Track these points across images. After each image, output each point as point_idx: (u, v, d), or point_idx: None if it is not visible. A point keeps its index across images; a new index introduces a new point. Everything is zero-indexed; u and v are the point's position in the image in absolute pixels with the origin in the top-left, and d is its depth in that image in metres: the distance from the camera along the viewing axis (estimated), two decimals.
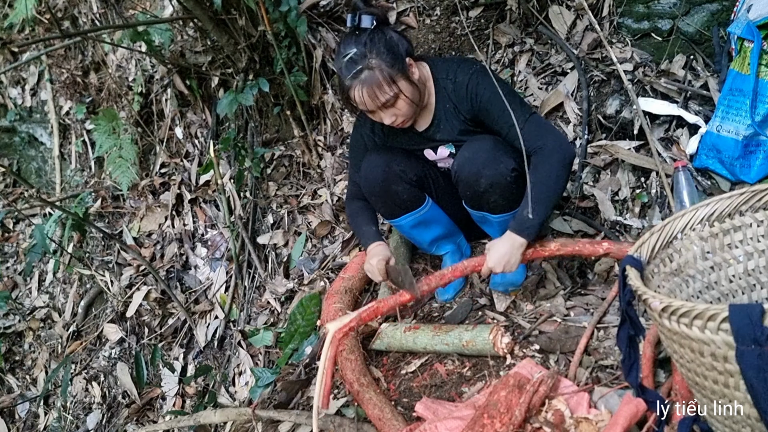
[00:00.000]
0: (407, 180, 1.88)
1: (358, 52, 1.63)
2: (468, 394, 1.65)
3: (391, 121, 1.71)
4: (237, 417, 1.97)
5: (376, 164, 1.86)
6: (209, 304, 2.91)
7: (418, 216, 1.95)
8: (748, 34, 1.80)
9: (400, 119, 1.72)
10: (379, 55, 1.63)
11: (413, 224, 1.97)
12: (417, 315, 2.06)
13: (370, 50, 1.63)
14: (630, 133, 2.14)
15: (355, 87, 1.64)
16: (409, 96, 1.69)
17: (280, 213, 2.87)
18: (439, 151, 1.90)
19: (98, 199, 3.46)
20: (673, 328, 0.99)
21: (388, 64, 1.63)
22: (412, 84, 1.70)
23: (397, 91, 1.66)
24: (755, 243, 1.28)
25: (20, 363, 3.65)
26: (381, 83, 1.63)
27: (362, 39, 1.65)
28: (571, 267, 1.97)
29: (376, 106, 1.67)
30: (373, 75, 1.62)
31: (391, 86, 1.64)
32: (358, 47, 1.64)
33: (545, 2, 2.45)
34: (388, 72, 1.63)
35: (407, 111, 1.71)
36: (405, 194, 1.89)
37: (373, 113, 1.72)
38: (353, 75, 1.63)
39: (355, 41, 1.65)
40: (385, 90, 1.64)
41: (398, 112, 1.70)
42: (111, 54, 3.45)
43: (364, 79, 1.63)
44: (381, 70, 1.62)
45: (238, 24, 2.57)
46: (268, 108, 2.91)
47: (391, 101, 1.67)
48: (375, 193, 1.90)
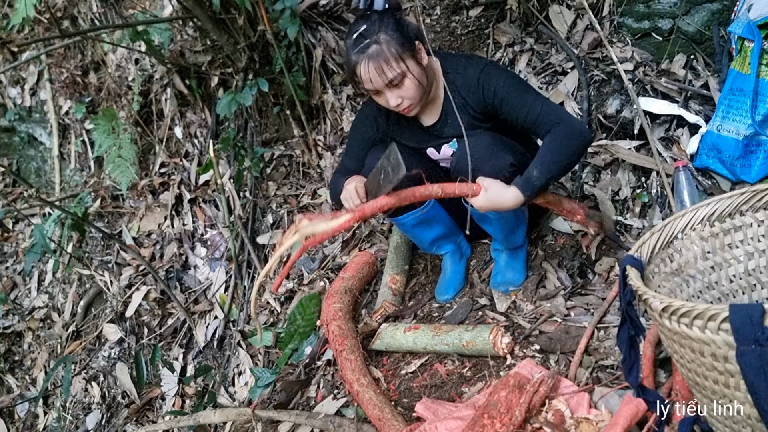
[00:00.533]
0: (412, 177, 1.87)
1: (367, 28, 1.63)
2: (468, 394, 1.65)
3: (396, 103, 1.69)
4: (237, 417, 1.97)
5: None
6: (209, 304, 2.91)
7: (421, 214, 1.94)
8: (749, 33, 1.80)
9: (407, 102, 1.70)
10: (388, 32, 1.62)
11: (415, 223, 1.96)
12: (417, 315, 2.06)
13: (379, 27, 1.63)
14: (630, 133, 2.14)
15: (361, 62, 1.63)
16: (417, 76, 1.67)
17: (279, 213, 2.86)
18: (442, 150, 1.90)
19: (97, 199, 3.45)
20: (673, 328, 0.99)
21: (397, 41, 1.63)
22: (419, 65, 1.69)
23: (405, 69, 1.64)
24: (756, 243, 1.28)
25: (19, 363, 3.65)
26: (389, 58, 1.61)
27: (372, 18, 1.65)
28: (572, 267, 1.97)
29: (382, 83, 1.65)
30: (380, 49, 1.61)
31: (398, 62, 1.63)
32: (368, 25, 1.64)
33: (545, 2, 2.45)
34: (396, 48, 1.62)
35: (414, 93, 1.69)
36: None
37: (379, 94, 1.70)
38: (361, 49, 1.62)
39: (364, 20, 1.65)
40: (392, 65, 1.62)
41: (404, 93, 1.68)
42: (110, 54, 3.45)
43: (371, 54, 1.61)
44: (389, 44, 1.62)
45: (237, 23, 2.56)
46: (267, 108, 2.91)
47: (397, 79, 1.65)
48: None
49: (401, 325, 1.93)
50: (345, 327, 1.94)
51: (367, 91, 1.74)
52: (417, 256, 2.29)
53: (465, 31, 2.63)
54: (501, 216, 1.81)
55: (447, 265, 2.09)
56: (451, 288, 2.05)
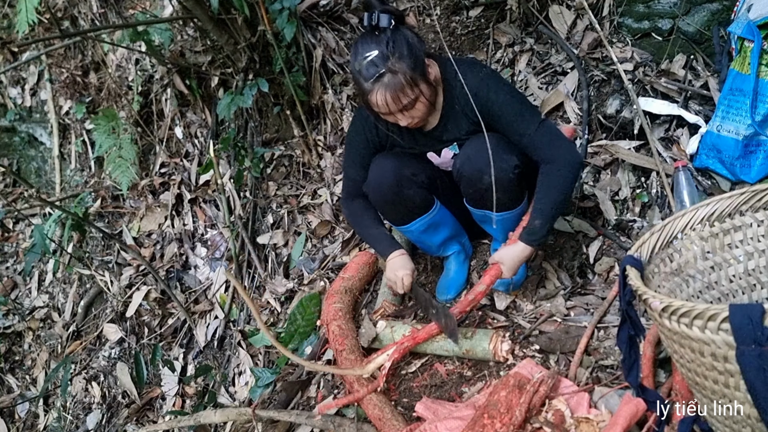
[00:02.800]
0: (419, 183, 1.87)
1: (379, 54, 1.60)
2: (468, 394, 1.65)
3: (407, 122, 1.71)
4: (237, 417, 1.97)
5: (387, 168, 1.84)
6: (209, 304, 2.91)
7: (429, 219, 1.94)
8: (749, 33, 1.80)
9: (416, 120, 1.73)
10: (402, 59, 1.61)
11: (423, 228, 1.96)
12: (417, 315, 2.06)
13: (392, 53, 1.60)
14: (630, 133, 2.14)
15: (377, 90, 1.62)
16: (428, 99, 1.69)
17: (280, 213, 2.86)
18: (443, 154, 1.89)
19: (98, 199, 3.45)
20: (673, 328, 0.99)
21: (411, 68, 1.62)
22: (430, 86, 1.70)
23: (418, 94, 1.66)
24: (755, 243, 1.28)
25: (20, 363, 3.65)
26: (404, 87, 1.61)
27: (383, 40, 1.61)
28: (572, 267, 1.97)
29: (397, 109, 1.66)
30: (396, 79, 1.60)
31: (413, 89, 1.64)
32: (380, 48, 1.61)
33: (545, 2, 2.45)
34: (411, 75, 1.62)
35: (424, 113, 1.72)
36: (417, 198, 1.88)
37: (389, 115, 1.71)
38: (375, 78, 1.61)
39: (376, 42, 1.62)
40: (407, 93, 1.63)
41: (416, 113, 1.70)
42: (111, 54, 3.45)
43: (387, 83, 1.60)
44: (404, 74, 1.61)
45: (237, 24, 2.56)
46: (267, 108, 2.91)
47: (411, 104, 1.66)
48: (386, 199, 1.87)
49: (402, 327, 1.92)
50: (345, 327, 1.94)
51: (361, 107, 1.76)
52: (417, 256, 2.29)
53: (465, 32, 2.63)
54: (502, 215, 1.82)
55: (451, 265, 2.09)
56: (453, 288, 2.05)
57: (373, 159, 1.89)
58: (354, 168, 1.95)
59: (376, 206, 1.93)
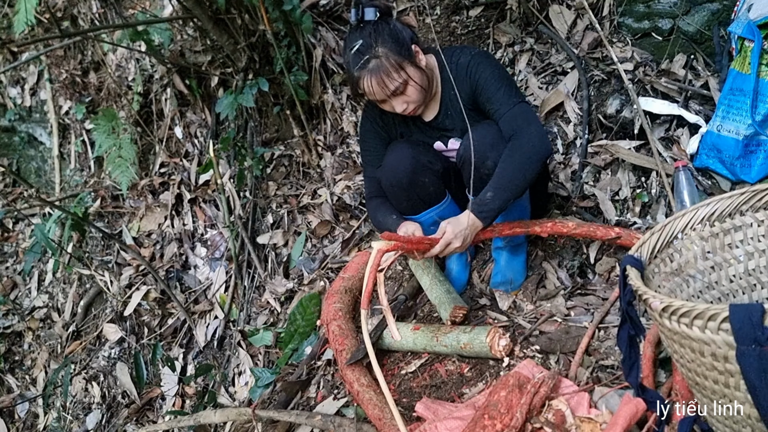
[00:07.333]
0: (434, 172, 1.86)
1: (363, 43, 1.65)
2: (468, 394, 1.65)
3: (402, 108, 1.73)
4: (237, 417, 1.97)
5: (404, 155, 1.82)
6: (209, 304, 2.91)
7: (439, 211, 1.92)
8: (749, 33, 1.80)
9: (411, 106, 1.74)
10: (385, 44, 1.65)
11: (432, 221, 1.93)
12: (417, 315, 2.06)
13: (375, 40, 1.65)
14: (630, 133, 2.14)
15: (363, 77, 1.66)
16: (418, 81, 1.70)
17: (279, 213, 2.86)
18: (450, 144, 1.90)
19: (98, 199, 3.45)
20: (673, 328, 0.99)
21: (395, 51, 1.65)
22: (419, 69, 1.71)
23: (406, 77, 1.68)
24: (756, 243, 1.28)
25: (20, 363, 3.65)
26: (389, 70, 1.64)
27: (367, 30, 1.66)
28: (572, 267, 1.97)
29: (386, 95, 1.69)
30: (380, 63, 1.64)
31: (399, 72, 1.66)
32: (364, 38, 1.66)
33: (545, 1, 2.45)
34: (395, 59, 1.65)
35: (417, 97, 1.73)
36: (432, 186, 1.86)
37: (384, 102, 1.73)
38: (361, 65, 1.65)
39: (360, 33, 1.67)
40: (393, 77, 1.66)
41: (408, 99, 1.72)
42: (110, 54, 3.45)
43: (372, 68, 1.65)
44: (387, 57, 1.64)
45: (237, 23, 2.56)
46: (267, 107, 2.91)
47: (400, 88, 1.68)
48: (401, 185, 1.84)
49: (402, 325, 1.92)
50: (345, 327, 1.94)
51: (369, 104, 1.76)
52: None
53: (465, 31, 2.63)
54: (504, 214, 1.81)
55: (453, 265, 2.09)
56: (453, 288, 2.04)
57: (390, 146, 1.89)
58: (371, 167, 1.95)
59: (389, 193, 1.89)
